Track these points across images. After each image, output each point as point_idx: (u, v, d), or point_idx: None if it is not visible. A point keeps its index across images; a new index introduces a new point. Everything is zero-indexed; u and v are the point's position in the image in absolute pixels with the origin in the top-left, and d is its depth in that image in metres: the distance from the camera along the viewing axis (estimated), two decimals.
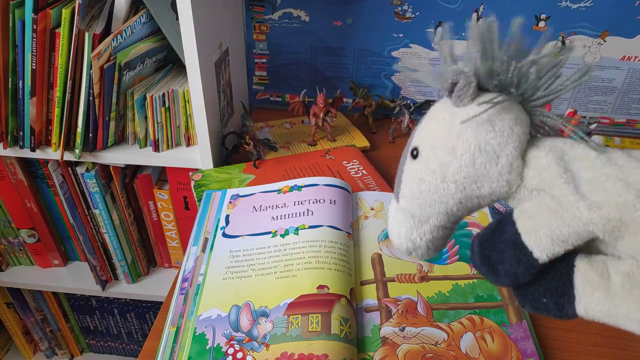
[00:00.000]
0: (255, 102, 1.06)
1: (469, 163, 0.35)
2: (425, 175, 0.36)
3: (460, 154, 0.35)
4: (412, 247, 0.39)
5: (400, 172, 0.40)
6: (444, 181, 0.36)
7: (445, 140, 0.35)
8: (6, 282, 1.06)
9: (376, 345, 0.51)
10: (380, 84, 0.99)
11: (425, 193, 0.37)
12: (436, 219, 0.38)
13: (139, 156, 0.80)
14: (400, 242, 0.40)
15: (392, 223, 0.40)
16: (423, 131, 0.38)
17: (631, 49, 0.88)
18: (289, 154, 0.85)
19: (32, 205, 0.96)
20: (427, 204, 0.37)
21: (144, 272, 1.06)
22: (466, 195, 0.36)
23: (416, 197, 0.37)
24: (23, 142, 0.78)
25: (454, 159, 0.35)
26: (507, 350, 0.51)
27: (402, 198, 0.39)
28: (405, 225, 0.39)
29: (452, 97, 0.36)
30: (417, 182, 0.37)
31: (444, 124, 0.36)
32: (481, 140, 0.34)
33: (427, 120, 0.39)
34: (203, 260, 0.60)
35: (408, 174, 0.38)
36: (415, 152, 0.38)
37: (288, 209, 0.65)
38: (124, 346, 1.32)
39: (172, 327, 0.53)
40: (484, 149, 0.34)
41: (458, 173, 0.35)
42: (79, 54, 0.71)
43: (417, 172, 0.37)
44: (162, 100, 0.76)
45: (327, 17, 0.93)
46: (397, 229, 0.40)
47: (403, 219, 0.39)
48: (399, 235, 0.39)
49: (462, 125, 0.35)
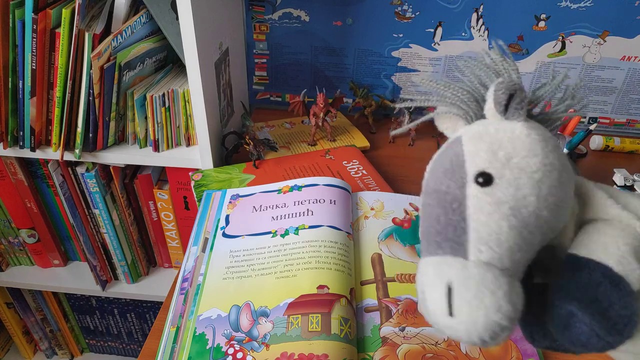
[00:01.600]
0: (255, 102, 1.06)
1: (556, 181, 0.30)
2: (516, 202, 0.29)
3: (549, 170, 0.30)
4: (515, 314, 0.27)
5: (450, 213, 0.30)
6: (537, 208, 0.29)
7: (530, 155, 0.30)
8: (6, 282, 1.06)
9: (376, 345, 0.51)
10: (380, 84, 0.99)
11: (516, 230, 0.28)
12: (520, 271, 0.29)
13: (139, 156, 0.80)
14: (499, 315, 0.26)
15: (474, 291, 0.26)
16: (483, 151, 0.31)
17: (631, 49, 0.88)
18: (289, 154, 0.85)
19: (32, 205, 0.96)
20: (517, 247, 0.28)
21: (144, 272, 1.06)
22: (549, 228, 0.30)
23: (506, 239, 0.28)
24: (23, 142, 0.78)
25: (544, 176, 0.29)
26: (507, 350, 0.51)
27: (483, 245, 0.28)
28: (501, 286, 0.27)
29: (509, 110, 0.31)
30: (505, 216, 0.28)
31: (518, 139, 0.31)
32: (561, 155, 0.31)
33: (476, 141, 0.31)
34: (203, 260, 0.60)
35: (485, 209, 0.29)
36: (483, 177, 0.29)
37: (288, 209, 0.65)
38: (124, 346, 1.32)
39: (172, 327, 0.53)
40: (565, 164, 0.31)
41: (550, 195, 0.29)
42: (79, 54, 0.71)
43: (503, 201, 0.29)
44: (162, 100, 0.76)
45: (327, 17, 0.93)
46: (489, 295, 0.26)
47: (494, 277, 0.27)
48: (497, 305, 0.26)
49: (541, 139, 0.31)
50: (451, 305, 0.27)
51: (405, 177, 0.82)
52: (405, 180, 0.81)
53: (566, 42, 0.89)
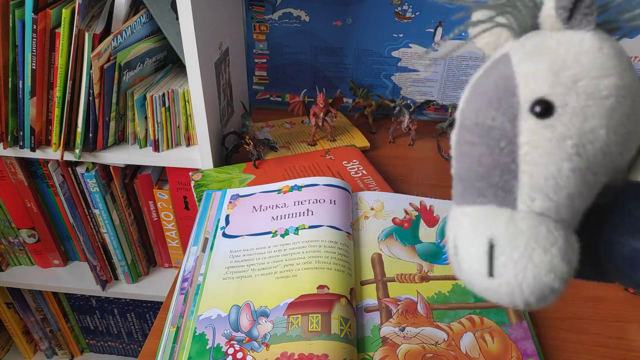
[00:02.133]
0: (255, 102, 1.06)
1: (629, 109, 0.24)
2: (582, 137, 0.23)
3: (622, 94, 0.23)
4: (570, 272, 0.23)
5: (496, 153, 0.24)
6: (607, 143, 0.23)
7: (602, 75, 0.24)
8: (6, 282, 1.06)
9: (376, 345, 0.51)
10: (380, 84, 0.99)
11: (579, 173, 0.23)
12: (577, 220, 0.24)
13: (139, 156, 0.80)
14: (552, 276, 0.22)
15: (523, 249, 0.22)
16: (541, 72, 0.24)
17: (631, 49, 0.88)
18: (289, 154, 0.85)
19: (32, 205, 0.96)
20: (578, 192, 0.23)
21: (144, 272, 1.06)
22: (615, 167, 0.24)
23: (566, 184, 0.23)
24: (23, 142, 0.78)
25: (617, 102, 0.23)
26: (507, 350, 0.51)
27: (537, 192, 0.23)
28: (556, 241, 0.22)
29: (575, 16, 0.25)
30: (568, 156, 0.23)
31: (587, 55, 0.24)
32: (634, 73, 0.25)
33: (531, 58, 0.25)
34: (203, 260, 0.60)
35: (542, 148, 0.23)
36: (541, 106, 0.23)
37: (288, 209, 0.65)
38: (124, 346, 1.32)
39: (172, 327, 0.53)
40: (638, 85, 0.25)
41: (621, 125, 0.23)
42: (79, 54, 0.71)
43: (566, 137, 0.23)
44: (162, 100, 0.76)
45: (327, 17, 0.93)
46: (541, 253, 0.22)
47: (548, 231, 0.22)
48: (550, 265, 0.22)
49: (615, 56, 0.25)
50: (492, 264, 0.23)
51: (405, 177, 0.82)
52: (405, 180, 0.81)
53: None
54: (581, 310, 0.58)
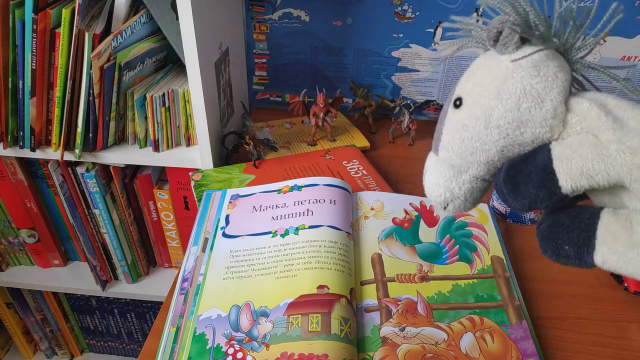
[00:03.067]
0: (255, 102, 1.06)
1: (513, 107, 0.35)
2: (469, 121, 0.37)
3: (505, 97, 0.36)
4: (450, 197, 0.39)
5: (441, 125, 0.40)
6: (488, 127, 0.36)
7: (491, 85, 0.36)
8: (6, 282, 1.06)
9: (376, 345, 0.51)
10: (380, 84, 0.99)
11: (467, 141, 0.38)
12: (476, 168, 0.39)
13: (139, 156, 0.80)
14: (438, 192, 0.40)
15: (429, 175, 0.41)
16: (467, 81, 0.38)
17: (631, 49, 0.88)
18: (289, 154, 0.85)
19: (32, 205, 0.96)
20: (468, 152, 0.38)
21: (144, 272, 1.06)
22: (509, 142, 0.37)
23: (457, 146, 0.38)
24: (23, 142, 0.78)
25: (499, 103, 0.36)
26: (507, 350, 0.51)
27: (442, 149, 0.39)
28: (444, 175, 0.39)
29: (497, 46, 0.36)
30: (459, 131, 0.38)
31: (489, 71, 0.37)
32: (526, 84, 0.35)
33: (471, 71, 0.39)
34: (203, 260, 0.60)
35: (450, 124, 0.39)
36: (458, 101, 0.38)
37: (288, 209, 0.65)
38: (124, 346, 1.32)
39: (172, 327, 0.53)
40: (529, 92, 0.35)
41: (502, 118, 0.36)
42: (79, 54, 0.71)
43: (460, 120, 0.38)
44: (162, 100, 0.76)
45: (327, 17, 0.93)
46: (436, 178, 0.40)
47: (442, 169, 0.39)
48: (437, 185, 0.40)
49: (508, 70, 0.36)
50: (424, 179, 0.42)
51: (405, 177, 0.82)
52: (406, 180, 0.81)
53: None
54: (581, 310, 0.58)
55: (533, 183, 0.36)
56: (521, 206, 0.37)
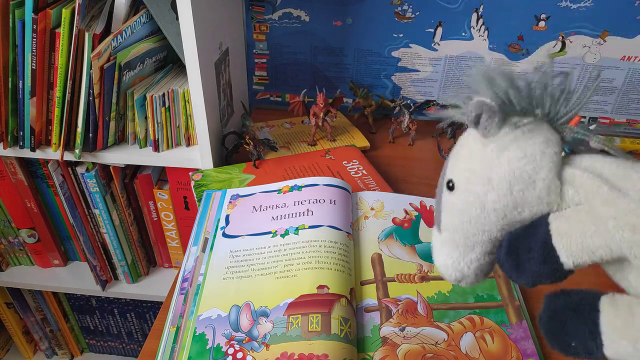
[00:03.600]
0: (255, 102, 1.06)
1: (506, 192, 0.35)
2: (464, 207, 0.37)
3: (496, 184, 0.35)
4: (461, 277, 0.39)
5: (439, 202, 0.40)
6: (484, 211, 0.36)
7: (480, 171, 0.36)
8: (6, 282, 1.06)
9: (376, 345, 0.51)
10: (380, 84, 0.99)
11: (466, 224, 0.37)
12: (481, 247, 0.38)
13: (139, 156, 0.80)
14: (448, 273, 0.40)
15: (437, 255, 0.40)
16: (456, 163, 0.38)
17: (631, 49, 0.88)
18: (289, 154, 0.85)
19: (32, 205, 0.96)
20: (470, 234, 0.37)
21: (144, 272, 1.06)
22: (508, 221, 0.36)
23: (458, 229, 0.38)
24: (23, 142, 0.78)
25: (491, 189, 0.35)
26: (507, 350, 0.51)
27: (445, 230, 0.39)
28: (451, 257, 0.39)
29: (479, 129, 0.35)
30: (457, 215, 0.37)
31: (476, 156, 0.36)
32: (515, 168, 0.35)
33: (458, 151, 0.38)
34: (203, 260, 0.60)
35: (446, 207, 0.38)
36: (450, 184, 0.38)
37: (288, 209, 0.65)
38: (124, 346, 1.32)
39: (172, 327, 0.53)
40: (520, 176, 0.34)
41: (497, 202, 0.35)
42: (79, 54, 0.71)
43: (456, 204, 0.37)
44: (162, 100, 0.76)
45: (327, 17, 0.93)
46: (443, 260, 0.40)
47: (449, 251, 0.39)
48: (446, 267, 0.39)
49: (493, 153, 0.35)
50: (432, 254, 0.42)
51: (405, 177, 0.82)
52: (406, 180, 0.81)
53: (566, 42, 0.89)
54: None
55: (535, 259, 0.34)
56: (525, 282, 0.36)
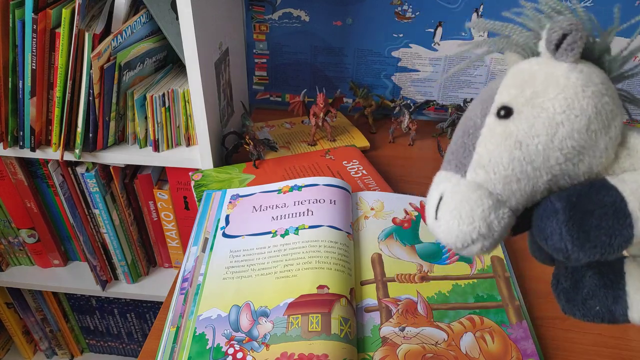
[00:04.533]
0: (255, 102, 1.06)
1: (582, 127, 0.30)
2: (525, 137, 0.30)
3: (575, 114, 0.30)
4: (486, 233, 0.30)
5: (467, 137, 0.32)
6: (548, 147, 0.30)
7: (557, 97, 0.30)
8: (6, 282, 1.06)
9: (376, 345, 0.51)
10: (380, 84, 0.99)
11: (517, 162, 0.30)
12: (516, 200, 0.31)
13: (139, 156, 0.80)
14: (471, 226, 0.30)
15: (454, 202, 0.31)
16: (516, 88, 0.31)
17: None
18: (289, 154, 0.85)
19: (32, 205, 0.96)
20: (515, 177, 0.30)
21: (144, 272, 1.06)
22: (562, 170, 0.30)
23: (504, 167, 0.30)
24: (23, 142, 0.78)
25: (567, 119, 0.30)
26: (507, 350, 0.51)
27: (479, 169, 0.31)
28: (482, 204, 0.30)
29: (560, 50, 0.31)
30: (509, 148, 0.30)
31: (554, 80, 0.30)
32: (597, 102, 0.30)
33: (518, 77, 0.32)
34: (203, 260, 0.60)
35: (493, 139, 0.31)
36: (503, 111, 0.31)
37: (288, 209, 0.65)
38: (124, 346, 1.32)
39: (172, 327, 0.53)
40: (600, 113, 0.30)
41: (568, 138, 0.30)
42: (79, 54, 0.71)
43: (512, 134, 0.30)
44: (162, 100, 0.76)
45: (327, 17, 0.93)
46: (469, 207, 0.30)
47: (479, 196, 0.30)
48: (470, 217, 0.30)
49: (578, 82, 0.30)
50: (438, 210, 0.31)
51: (405, 177, 0.82)
52: (406, 180, 0.81)
53: None
54: None
55: (605, 229, 0.29)
56: (588, 256, 0.30)
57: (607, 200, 0.29)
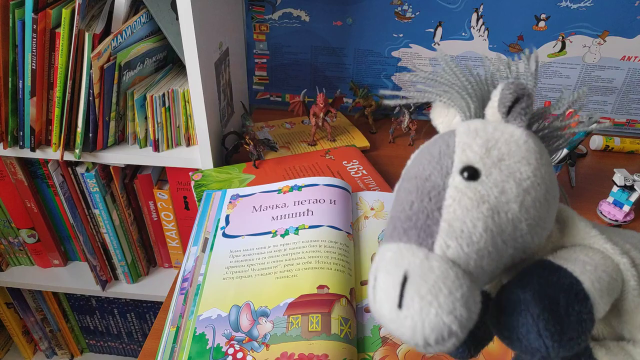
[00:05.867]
0: (255, 102, 1.06)
1: (542, 197, 0.28)
2: (498, 204, 0.26)
3: (538, 182, 0.28)
4: (467, 323, 0.24)
5: (426, 200, 0.27)
6: (516, 217, 0.27)
7: (522, 161, 0.28)
8: (6, 282, 1.06)
9: (376, 345, 0.51)
10: (380, 84, 0.99)
11: (490, 233, 0.26)
12: (483, 280, 0.27)
13: (139, 156, 0.80)
14: (450, 318, 0.24)
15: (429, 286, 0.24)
16: (476, 146, 0.29)
17: (631, 49, 0.88)
18: (289, 154, 0.85)
19: (32, 205, 0.96)
20: (487, 252, 0.26)
21: (144, 272, 1.06)
22: (523, 244, 0.28)
23: (477, 240, 0.26)
24: (23, 142, 0.78)
25: (532, 187, 0.27)
26: (507, 350, 0.51)
27: (452, 240, 0.26)
28: (461, 287, 0.24)
29: (512, 112, 0.30)
30: (483, 216, 0.26)
31: (514, 142, 0.29)
32: (551, 171, 0.29)
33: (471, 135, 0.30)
34: (203, 260, 0.60)
35: (463, 204, 0.26)
36: (469, 171, 0.27)
37: (288, 209, 0.65)
38: (124, 346, 1.32)
39: (172, 327, 0.53)
40: (553, 182, 0.29)
41: (532, 208, 0.27)
42: (79, 54, 0.71)
43: (485, 200, 0.26)
44: (162, 100, 0.76)
45: (327, 17, 0.93)
46: (447, 294, 0.24)
47: (456, 276, 0.24)
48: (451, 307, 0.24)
49: (537, 148, 0.29)
50: (402, 296, 0.24)
51: None
52: None
53: (566, 42, 0.89)
54: None
55: (574, 315, 0.26)
56: (566, 351, 0.26)
57: (565, 283, 0.27)
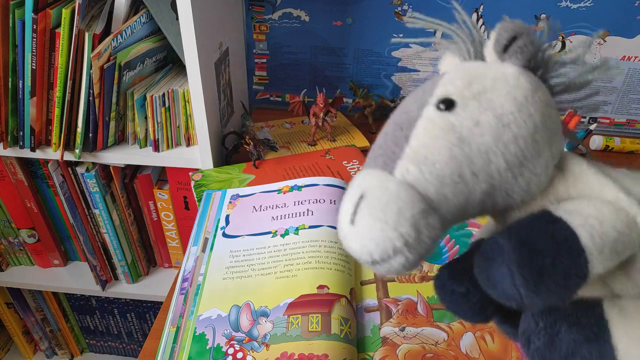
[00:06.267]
0: (255, 102, 1.06)
1: (528, 135, 0.27)
2: (469, 134, 0.26)
3: (523, 119, 0.27)
4: (414, 242, 0.25)
5: (400, 130, 0.28)
6: (491, 150, 0.26)
7: (507, 96, 0.27)
8: (6, 282, 1.06)
9: (376, 345, 0.51)
10: (380, 84, 0.99)
11: (456, 162, 0.26)
12: (447, 209, 0.26)
13: (139, 156, 0.80)
14: (395, 234, 0.24)
15: (381, 204, 0.25)
16: (459, 79, 0.28)
17: (631, 49, 0.88)
18: (289, 154, 0.85)
19: (32, 205, 0.96)
20: (451, 180, 0.26)
21: (144, 272, 1.06)
22: (501, 181, 0.27)
23: (441, 167, 0.26)
24: (23, 142, 0.78)
25: (514, 123, 0.26)
26: (507, 350, 0.51)
27: (413, 165, 0.26)
28: (412, 208, 0.25)
29: (509, 51, 0.29)
30: (449, 144, 0.26)
31: (503, 77, 0.28)
32: (545, 112, 0.27)
33: (460, 71, 0.29)
34: (203, 260, 0.60)
35: (431, 131, 0.26)
36: (445, 103, 0.27)
37: (288, 209, 0.65)
38: (124, 346, 1.32)
39: (172, 327, 0.53)
40: (546, 124, 0.27)
41: (513, 144, 0.26)
42: (79, 54, 0.71)
43: (455, 129, 0.26)
44: (162, 100, 0.76)
45: (327, 17, 0.93)
46: (395, 212, 0.24)
47: (409, 198, 0.25)
48: (397, 223, 0.24)
49: (528, 86, 0.28)
50: (356, 212, 0.25)
51: None
52: None
53: (566, 42, 0.89)
54: None
55: (560, 268, 0.25)
56: (544, 302, 0.25)
57: (558, 234, 0.26)
